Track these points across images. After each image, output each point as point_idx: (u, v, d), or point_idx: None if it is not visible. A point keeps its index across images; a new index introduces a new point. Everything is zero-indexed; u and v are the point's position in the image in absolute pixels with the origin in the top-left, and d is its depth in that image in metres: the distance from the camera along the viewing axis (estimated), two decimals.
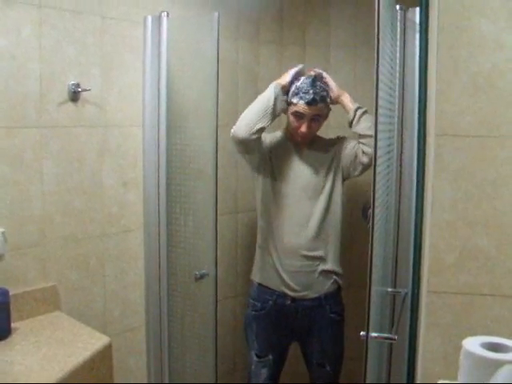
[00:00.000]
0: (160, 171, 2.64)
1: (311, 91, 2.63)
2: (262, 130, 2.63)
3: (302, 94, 2.63)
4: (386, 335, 1.87)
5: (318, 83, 2.67)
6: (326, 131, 3.05)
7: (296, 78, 2.69)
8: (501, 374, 1.19)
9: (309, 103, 2.62)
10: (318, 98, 2.63)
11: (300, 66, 2.75)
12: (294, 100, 2.66)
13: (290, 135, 2.82)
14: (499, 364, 1.24)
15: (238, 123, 2.64)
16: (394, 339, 1.84)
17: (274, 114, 2.65)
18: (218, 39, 2.46)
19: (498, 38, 1.72)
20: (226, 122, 2.78)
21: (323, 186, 2.75)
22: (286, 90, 2.69)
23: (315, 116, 2.68)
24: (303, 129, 2.68)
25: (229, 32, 3.10)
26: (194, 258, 2.72)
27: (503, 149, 1.75)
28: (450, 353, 1.82)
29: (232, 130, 2.65)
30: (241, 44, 3.23)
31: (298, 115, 2.67)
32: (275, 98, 2.62)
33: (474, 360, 1.29)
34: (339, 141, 2.84)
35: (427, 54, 1.95)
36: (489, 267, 1.79)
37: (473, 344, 1.33)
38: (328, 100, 2.70)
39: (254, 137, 2.63)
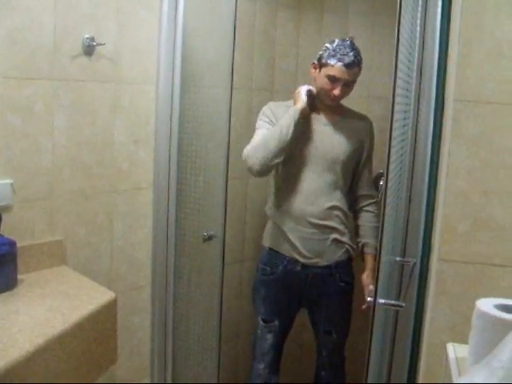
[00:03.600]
0: (172, 130, 2.62)
1: (351, 53, 2.55)
2: (278, 163, 2.61)
3: (340, 56, 2.54)
4: (393, 302, 1.85)
5: (356, 47, 2.59)
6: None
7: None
8: None
9: (348, 65, 2.54)
10: (356, 61, 2.56)
11: (308, 86, 2.67)
12: (331, 61, 2.56)
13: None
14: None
15: (251, 153, 2.57)
16: (402, 306, 1.82)
17: (291, 142, 2.57)
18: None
19: None
20: (241, 85, 2.75)
21: (342, 159, 2.70)
22: (304, 114, 2.62)
23: (349, 81, 2.60)
24: (337, 91, 2.59)
25: None
26: (202, 218, 2.71)
27: None
28: (458, 322, 1.81)
29: (246, 158, 2.58)
30: (259, 6, 3.19)
31: (333, 78, 2.58)
32: (295, 125, 2.54)
33: (487, 320, 1.28)
34: (368, 130, 2.82)
35: (450, 18, 1.91)
36: (502, 237, 1.77)
37: (486, 304, 1.32)
38: (361, 66, 2.62)
39: (270, 171, 2.65)
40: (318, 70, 2.65)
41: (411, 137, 2.13)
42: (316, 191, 2.68)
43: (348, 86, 2.62)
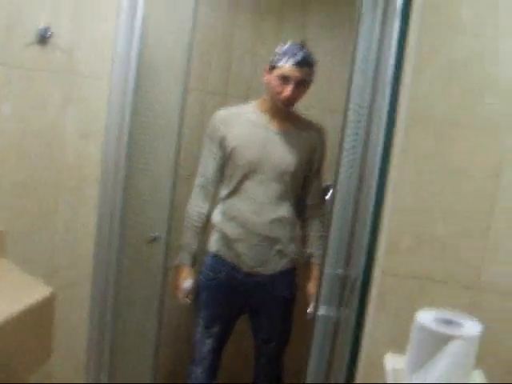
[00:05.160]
0: (123, 126, 2.58)
1: (300, 53, 2.57)
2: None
3: (289, 56, 2.57)
4: (333, 313, 1.87)
5: (306, 48, 2.61)
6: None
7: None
8: (449, 349, 1.18)
9: (297, 64, 2.56)
10: (306, 59, 2.58)
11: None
12: (281, 62, 2.58)
13: (266, 107, 2.74)
14: (449, 338, 1.24)
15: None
16: (342, 318, 1.84)
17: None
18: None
19: (477, 26, 1.71)
20: (195, 86, 2.72)
21: (292, 170, 2.69)
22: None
23: (301, 81, 2.60)
24: (287, 92, 2.59)
25: None
26: (147, 219, 2.68)
27: (472, 139, 1.74)
28: (398, 335, 1.81)
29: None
30: (217, 10, 3.18)
31: (284, 78, 2.59)
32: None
33: (425, 333, 1.29)
34: (320, 140, 2.81)
35: (406, 38, 1.92)
36: (443, 254, 1.79)
37: (426, 317, 1.34)
38: (314, 68, 2.64)
39: None
40: (270, 74, 2.65)
41: (362, 150, 2.14)
42: (263, 202, 2.67)
43: (300, 85, 2.62)
